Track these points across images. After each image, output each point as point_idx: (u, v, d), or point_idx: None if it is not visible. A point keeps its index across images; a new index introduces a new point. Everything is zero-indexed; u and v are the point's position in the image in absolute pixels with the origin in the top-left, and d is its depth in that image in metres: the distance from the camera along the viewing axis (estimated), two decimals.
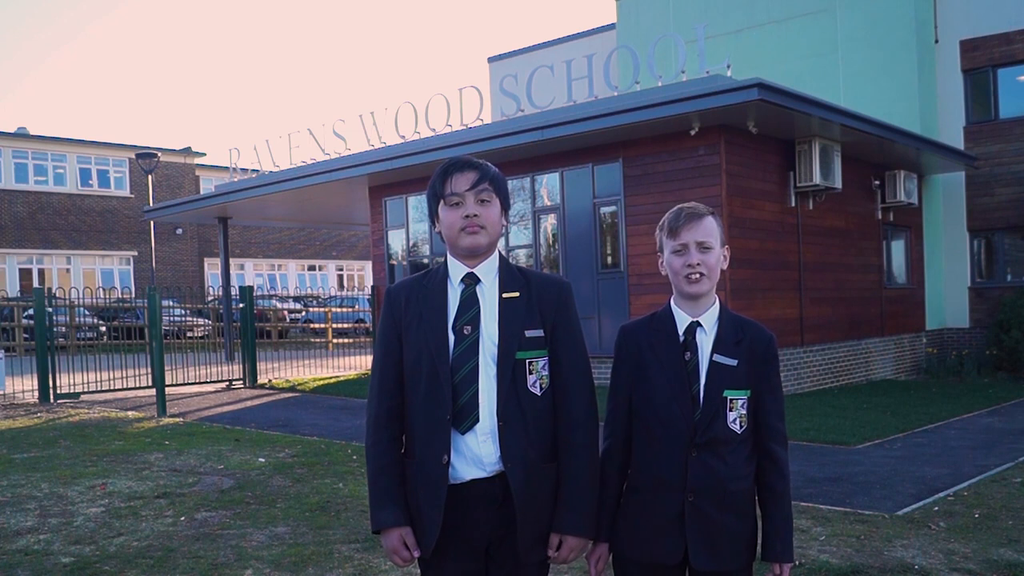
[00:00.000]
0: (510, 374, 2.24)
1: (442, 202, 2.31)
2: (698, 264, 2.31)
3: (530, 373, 2.27)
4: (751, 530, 2.34)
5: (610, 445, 2.41)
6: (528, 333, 2.27)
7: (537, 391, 2.28)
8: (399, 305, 2.34)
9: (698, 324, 2.35)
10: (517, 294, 2.31)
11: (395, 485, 2.30)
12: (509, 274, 2.34)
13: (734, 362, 2.31)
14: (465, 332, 2.26)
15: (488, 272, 2.33)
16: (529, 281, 2.34)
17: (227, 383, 14.23)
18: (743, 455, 2.32)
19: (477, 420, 2.24)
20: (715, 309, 2.37)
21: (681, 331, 2.35)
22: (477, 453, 2.24)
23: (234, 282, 25.51)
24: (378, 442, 2.32)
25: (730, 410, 2.30)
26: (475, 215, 2.27)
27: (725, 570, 2.31)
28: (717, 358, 2.31)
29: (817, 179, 11.89)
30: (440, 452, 2.23)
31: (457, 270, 2.33)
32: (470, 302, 2.29)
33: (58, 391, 12.53)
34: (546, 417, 2.29)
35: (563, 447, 2.29)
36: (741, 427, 2.31)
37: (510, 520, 2.24)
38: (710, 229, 2.34)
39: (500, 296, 2.30)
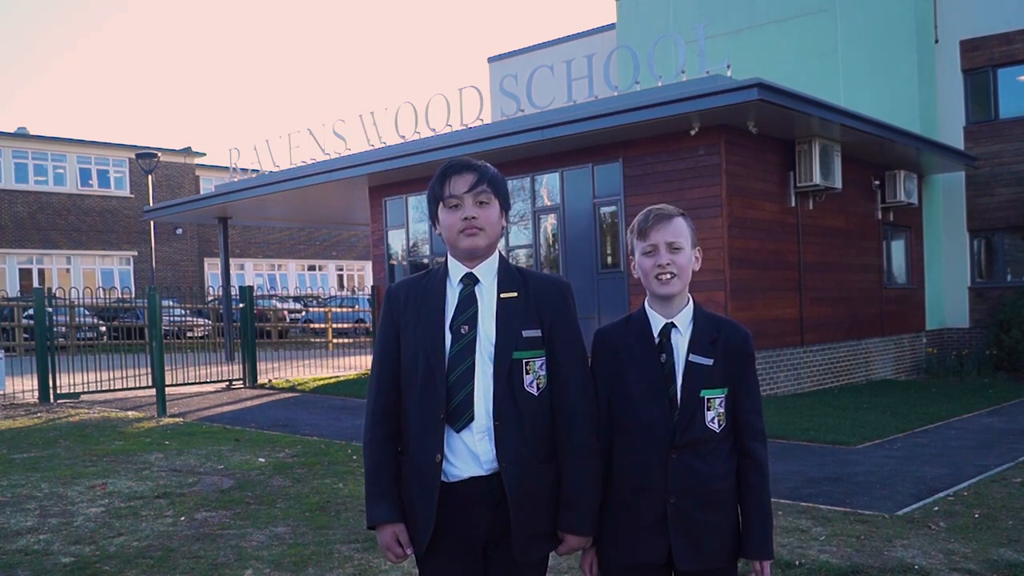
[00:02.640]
0: (506, 373, 2.24)
1: (441, 204, 2.33)
2: (668, 264, 2.32)
3: (527, 373, 2.27)
4: (734, 527, 2.35)
5: None
6: (525, 333, 2.28)
7: (534, 391, 2.28)
8: (398, 304, 2.36)
9: (673, 325, 2.36)
10: (515, 294, 2.31)
11: (390, 482, 2.31)
12: (508, 274, 2.35)
13: (710, 361, 2.32)
14: (463, 331, 2.27)
15: (487, 272, 2.34)
16: (527, 281, 2.34)
17: (227, 383, 14.23)
18: (723, 454, 2.33)
19: (472, 419, 2.24)
20: (689, 309, 2.38)
21: (656, 333, 2.36)
22: (474, 451, 2.24)
23: (234, 282, 25.51)
24: (374, 438, 2.34)
25: (708, 409, 2.30)
26: (473, 217, 2.28)
27: (710, 568, 2.31)
28: (693, 358, 2.32)
29: (817, 179, 11.90)
30: (433, 450, 2.24)
31: (457, 270, 2.35)
32: (468, 302, 2.30)
33: (58, 391, 12.53)
34: (543, 417, 2.29)
35: (562, 446, 2.29)
36: (719, 426, 2.32)
37: (507, 519, 2.24)
38: (680, 230, 2.35)
39: (498, 296, 2.31)
